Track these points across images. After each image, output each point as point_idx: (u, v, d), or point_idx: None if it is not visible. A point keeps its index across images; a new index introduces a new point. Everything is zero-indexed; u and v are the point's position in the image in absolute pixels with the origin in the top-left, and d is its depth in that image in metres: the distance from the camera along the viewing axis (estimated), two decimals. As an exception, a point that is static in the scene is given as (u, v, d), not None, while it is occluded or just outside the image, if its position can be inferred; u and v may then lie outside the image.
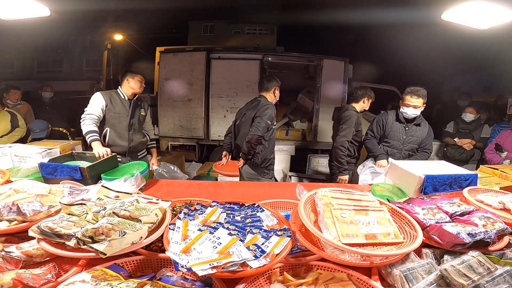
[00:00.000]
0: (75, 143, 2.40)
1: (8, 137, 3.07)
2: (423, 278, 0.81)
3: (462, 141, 3.60)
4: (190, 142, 4.79)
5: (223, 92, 4.47)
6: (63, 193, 1.15)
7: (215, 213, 1.09)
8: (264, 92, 2.46)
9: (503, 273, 0.79)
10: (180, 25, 7.39)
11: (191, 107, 4.57)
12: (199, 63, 4.46)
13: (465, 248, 0.90)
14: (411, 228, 0.99)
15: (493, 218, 1.05)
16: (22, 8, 2.24)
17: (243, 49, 4.70)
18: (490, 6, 2.01)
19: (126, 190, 1.22)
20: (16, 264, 0.84)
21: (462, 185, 1.46)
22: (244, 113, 2.48)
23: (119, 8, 7.31)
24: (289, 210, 1.32)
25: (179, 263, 0.77)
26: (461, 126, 3.70)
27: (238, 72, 4.43)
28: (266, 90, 2.46)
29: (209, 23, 7.09)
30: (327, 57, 4.52)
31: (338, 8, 5.06)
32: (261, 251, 0.85)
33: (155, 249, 0.97)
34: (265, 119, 2.28)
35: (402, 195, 1.55)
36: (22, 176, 1.55)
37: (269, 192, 1.68)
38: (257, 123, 2.27)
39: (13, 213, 0.99)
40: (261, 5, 6.33)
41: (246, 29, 7.00)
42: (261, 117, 2.27)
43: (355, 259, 0.84)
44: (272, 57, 4.49)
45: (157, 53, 4.82)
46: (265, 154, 2.43)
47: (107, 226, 0.83)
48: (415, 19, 4.21)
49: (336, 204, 0.99)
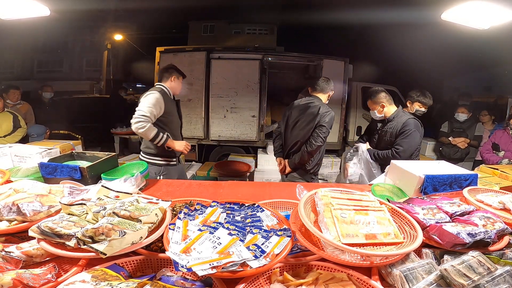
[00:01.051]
0: (75, 143, 2.40)
1: (11, 137, 3.09)
2: (423, 278, 0.81)
3: (456, 140, 3.73)
4: (190, 142, 4.74)
5: (223, 92, 4.47)
6: (63, 193, 1.15)
7: (215, 213, 1.09)
8: (320, 93, 2.32)
9: (503, 273, 0.79)
10: (180, 25, 7.38)
11: (191, 107, 4.56)
12: (199, 63, 4.45)
13: (465, 248, 0.90)
14: (411, 228, 0.99)
15: (493, 218, 1.05)
16: (22, 8, 2.24)
17: (243, 49, 4.69)
18: (490, 6, 2.01)
19: (126, 190, 1.22)
20: (16, 264, 0.84)
21: (462, 185, 1.46)
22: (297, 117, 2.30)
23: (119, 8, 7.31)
24: (289, 210, 1.32)
25: (179, 263, 0.77)
26: (455, 126, 3.82)
27: (238, 72, 4.43)
28: (322, 91, 2.32)
29: (209, 23, 7.08)
30: (327, 57, 4.52)
31: (338, 8, 5.06)
32: (261, 251, 0.85)
33: (155, 249, 0.97)
34: (329, 128, 2.17)
35: (402, 195, 1.55)
36: (22, 176, 1.54)
37: (269, 192, 1.68)
38: (322, 132, 2.16)
39: (13, 213, 0.99)
40: (261, 5, 6.32)
41: (246, 29, 6.99)
42: (326, 126, 2.15)
43: (355, 259, 0.84)
44: (272, 57, 4.49)
45: (157, 53, 4.81)
46: (318, 160, 2.33)
47: (107, 226, 0.83)
48: (415, 19, 4.22)
49: (336, 204, 0.99)
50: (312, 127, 2.20)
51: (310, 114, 2.21)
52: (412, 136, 2.11)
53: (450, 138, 3.79)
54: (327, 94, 2.33)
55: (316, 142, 2.17)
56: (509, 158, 2.84)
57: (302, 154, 2.22)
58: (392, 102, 2.30)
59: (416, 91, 2.52)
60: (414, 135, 2.12)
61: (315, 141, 2.17)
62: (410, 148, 2.13)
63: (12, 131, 3.12)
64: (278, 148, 2.52)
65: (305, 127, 2.22)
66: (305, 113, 2.24)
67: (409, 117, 2.18)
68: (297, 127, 2.29)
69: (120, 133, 5.11)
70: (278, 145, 2.53)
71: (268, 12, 6.51)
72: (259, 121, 4.53)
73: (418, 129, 2.16)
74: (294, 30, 7.13)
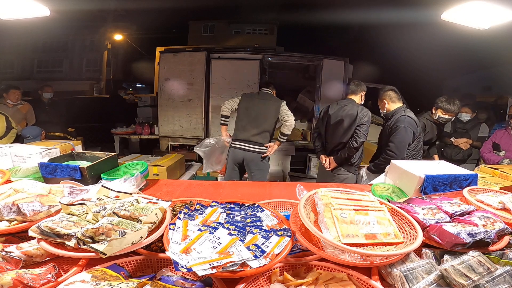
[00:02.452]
0: (75, 143, 2.40)
1: (6, 138, 3.08)
2: (423, 278, 0.81)
3: (458, 140, 3.62)
4: (190, 142, 4.79)
5: (223, 92, 4.47)
6: (63, 193, 1.14)
7: (215, 213, 1.09)
8: (353, 95, 2.56)
9: (503, 273, 0.79)
10: (180, 25, 7.39)
11: (191, 107, 4.57)
12: (199, 63, 4.46)
13: (465, 248, 0.90)
14: (411, 228, 0.99)
15: (493, 218, 1.05)
16: (22, 8, 2.24)
17: (243, 49, 4.70)
18: (490, 6, 2.01)
19: (126, 190, 1.22)
20: (16, 264, 0.84)
21: (462, 185, 1.46)
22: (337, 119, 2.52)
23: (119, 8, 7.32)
24: (289, 210, 1.32)
25: (179, 263, 0.77)
26: (458, 126, 3.71)
27: (238, 72, 4.43)
28: (353, 93, 2.56)
29: (209, 23, 7.09)
30: (327, 57, 4.53)
31: (338, 8, 5.06)
32: (261, 251, 0.85)
33: (155, 249, 0.97)
34: (368, 125, 2.43)
35: (402, 195, 1.55)
36: (22, 176, 1.54)
37: (269, 192, 1.68)
38: (364, 130, 2.40)
39: (13, 213, 0.99)
40: (261, 5, 6.32)
41: (246, 29, 7.00)
42: (366, 124, 2.40)
43: (355, 259, 0.84)
44: (272, 57, 4.49)
45: (157, 53, 4.82)
46: (360, 153, 2.58)
47: (107, 226, 0.83)
48: (415, 19, 4.22)
49: (336, 204, 0.99)
50: (354, 126, 2.44)
51: (350, 116, 2.45)
52: (401, 132, 2.22)
53: (452, 138, 3.66)
54: (359, 95, 2.56)
55: (360, 138, 2.42)
56: (510, 158, 2.82)
57: (349, 150, 2.47)
58: (397, 100, 2.40)
59: (442, 98, 2.56)
60: (404, 131, 2.21)
61: (359, 138, 2.42)
62: (401, 144, 2.22)
63: (6, 133, 3.11)
64: (320, 147, 2.78)
65: (348, 127, 2.46)
66: (345, 115, 2.48)
67: (402, 114, 2.26)
68: (340, 128, 2.52)
69: (120, 133, 5.11)
70: (320, 145, 2.79)
71: (268, 12, 6.52)
72: (259, 121, 4.53)
73: (411, 126, 2.24)
74: (294, 30, 7.14)
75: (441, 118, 2.59)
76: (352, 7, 5.00)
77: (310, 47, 5.83)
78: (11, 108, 3.58)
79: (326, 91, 4.52)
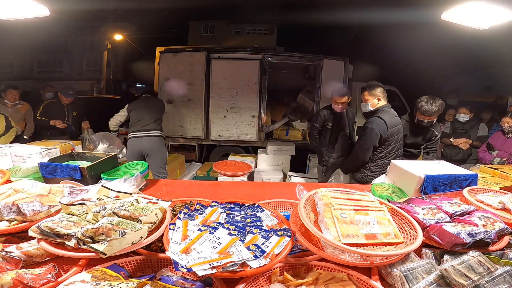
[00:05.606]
0: (75, 143, 2.40)
1: (5, 137, 3.09)
2: (423, 278, 0.81)
3: (458, 141, 3.65)
4: (190, 142, 4.78)
5: (223, 92, 4.47)
6: (63, 193, 1.14)
7: (215, 213, 1.09)
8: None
9: (503, 273, 0.79)
10: (180, 25, 7.40)
11: (191, 107, 4.57)
12: (199, 63, 4.45)
13: (465, 248, 0.90)
14: (411, 228, 0.99)
15: (493, 218, 1.05)
16: (22, 8, 2.23)
17: (243, 49, 4.70)
18: (490, 6, 2.01)
19: (126, 190, 1.22)
20: (16, 264, 0.84)
21: (462, 185, 1.46)
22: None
23: (119, 8, 7.32)
24: (289, 210, 1.32)
25: (179, 263, 0.77)
26: (457, 126, 3.75)
27: (238, 72, 4.43)
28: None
29: (209, 23, 7.09)
30: (327, 57, 4.52)
31: (338, 8, 5.07)
32: (261, 251, 0.85)
33: (155, 249, 0.97)
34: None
35: (402, 195, 1.55)
36: (22, 176, 1.54)
37: (269, 192, 1.68)
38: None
39: (13, 213, 0.99)
40: (261, 5, 6.33)
41: (246, 29, 7.01)
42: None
43: (355, 259, 0.84)
44: (272, 57, 4.49)
45: (157, 53, 4.82)
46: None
47: (107, 226, 0.83)
48: (415, 19, 4.22)
49: (336, 204, 0.99)
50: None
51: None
52: (367, 133, 2.13)
53: (451, 139, 3.71)
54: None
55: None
56: (501, 157, 2.85)
57: None
58: (386, 99, 2.26)
59: (422, 97, 2.27)
60: (370, 133, 2.11)
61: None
62: (364, 146, 2.17)
63: (5, 132, 3.12)
64: None
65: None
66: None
67: (376, 115, 2.15)
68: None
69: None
70: None
71: (268, 12, 6.53)
72: (259, 121, 4.53)
73: (379, 128, 2.09)
74: (294, 30, 7.15)
75: (420, 122, 2.32)
76: (352, 7, 5.01)
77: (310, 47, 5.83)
78: (10, 108, 3.58)
79: (326, 91, 4.52)
